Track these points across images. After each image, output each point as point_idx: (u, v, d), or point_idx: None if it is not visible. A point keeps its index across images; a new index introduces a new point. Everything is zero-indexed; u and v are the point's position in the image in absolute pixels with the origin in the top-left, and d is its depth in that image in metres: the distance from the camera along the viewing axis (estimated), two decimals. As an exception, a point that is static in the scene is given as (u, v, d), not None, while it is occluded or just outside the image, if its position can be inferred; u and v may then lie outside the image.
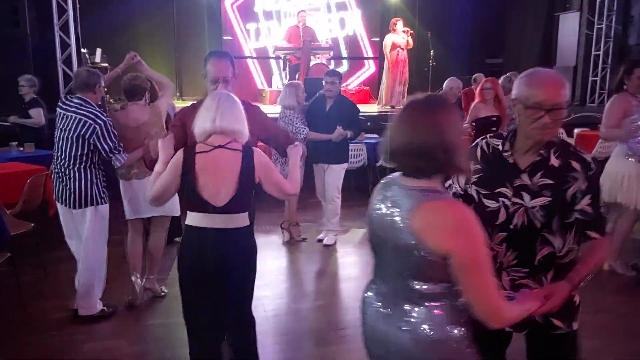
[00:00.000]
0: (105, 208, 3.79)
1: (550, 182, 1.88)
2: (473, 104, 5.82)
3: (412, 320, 1.62)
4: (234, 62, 3.04)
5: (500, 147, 2.00)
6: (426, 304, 1.61)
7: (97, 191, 3.71)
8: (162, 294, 4.24)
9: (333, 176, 5.35)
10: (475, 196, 2.02)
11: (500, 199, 1.94)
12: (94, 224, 3.73)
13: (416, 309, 1.62)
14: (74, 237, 3.88)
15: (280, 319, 3.90)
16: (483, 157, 2.04)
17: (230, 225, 2.52)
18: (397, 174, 1.70)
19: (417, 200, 1.57)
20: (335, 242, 5.47)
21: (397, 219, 1.59)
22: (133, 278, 4.09)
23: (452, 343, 1.61)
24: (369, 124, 7.72)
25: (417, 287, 1.61)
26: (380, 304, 1.72)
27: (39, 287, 4.35)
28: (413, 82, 10.19)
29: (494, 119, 5.59)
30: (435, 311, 1.61)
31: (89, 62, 8.81)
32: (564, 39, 10.91)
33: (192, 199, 2.51)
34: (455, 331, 1.61)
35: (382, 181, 1.76)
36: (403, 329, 1.63)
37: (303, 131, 5.17)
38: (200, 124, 2.54)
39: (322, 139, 5.16)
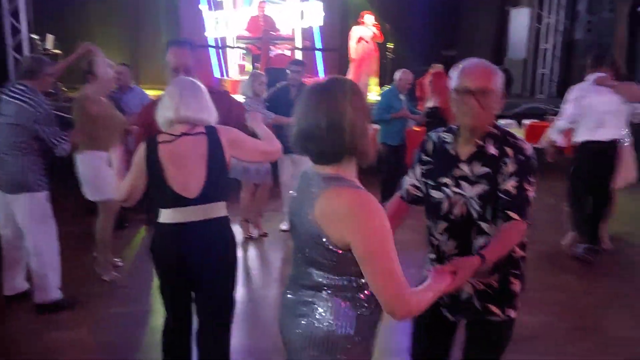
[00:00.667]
0: (42, 195, 3.70)
1: (488, 170, 1.93)
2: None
3: (310, 309, 1.59)
4: (194, 50, 3.08)
5: (447, 140, 2.06)
6: (327, 294, 1.57)
7: (33, 178, 3.62)
8: (116, 275, 4.29)
9: (306, 165, 5.37)
10: (424, 188, 2.10)
11: (444, 188, 2.00)
12: (30, 212, 3.66)
13: (315, 298, 1.58)
14: (7, 225, 3.80)
15: (246, 306, 3.95)
16: (434, 149, 2.10)
17: (207, 216, 2.39)
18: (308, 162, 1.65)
19: (319, 187, 1.52)
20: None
21: (304, 206, 1.56)
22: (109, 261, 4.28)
23: (344, 341, 1.55)
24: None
25: (317, 277, 1.58)
26: (288, 289, 1.71)
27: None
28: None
29: (434, 109, 5.92)
30: (336, 301, 1.56)
31: (40, 48, 8.55)
32: (515, 32, 11.29)
33: (162, 193, 2.38)
34: (350, 329, 1.55)
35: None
36: (299, 316, 1.61)
37: (270, 115, 5.12)
38: (164, 113, 2.42)
39: (288, 122, 5.13)
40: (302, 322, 1.60)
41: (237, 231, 5.01)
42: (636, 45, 11.78)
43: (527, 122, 9.11)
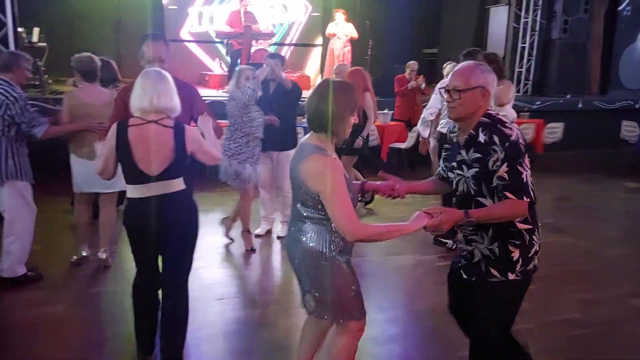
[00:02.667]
0: (23, 184, 3.95)
1: (479, 155, 2.28)
2: None
3: (302, 234, 2.36)
4: (168, 43, 3.31)
5: (455, 130, 2.46)
6: (310, 223, 2.34)
7: (13, 166, 3.87)
8: (109, 265, 4.47)
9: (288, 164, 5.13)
10: (443, 173, 2.57)
11: (453, 170, 2.42)
12: (9, 198, 3.93)
13: (304, 226, 2.36)
14: None
15: (215, 286, 4.19)
16: (449, 139, 2.51)
17: (166, 190, 2.77)
18: (307, 135, 2.37)
19: (307, 152, 2.27)
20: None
21: (298, 165, 2.28)
22: (80, 248, 4.45)
23: (320, 255, 2.32)
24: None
25: (304, 212, 2.34)
26: (291, 225, 2.47)
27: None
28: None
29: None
30: (316, 229, 2.32)
31: (26, 41, 8.68)
32: (494, 31, 11.52)
33: (129, 170, 2.76)
34: (325, 248, 2.31)
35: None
36: (297, 240, 2.38)
37: (258, 119, 4.74)
38: (138, 103, 2.75)
39: (274, 122, 4.89)
40: (299, 243, 2.37)
41: (238, 243, 5.10)
42: (611, 45, 12.12)
43: (502, 118, 9.38)
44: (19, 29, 8.17)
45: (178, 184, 2.82)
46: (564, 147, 9.52)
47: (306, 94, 8.95)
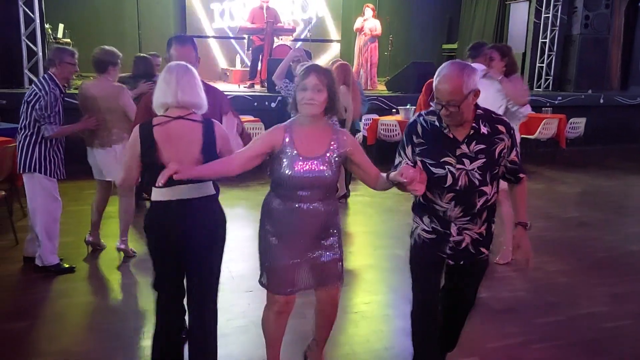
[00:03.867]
0: (43, 178, 4.04)
1: (483, 146, 2.37)
2: None
3: None
4: (197, 47, 3.13)
5: (437, 124, 2.42)
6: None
7: (37, 160, 4.00)
8: (134, 254, 4.56)
9: None
10: (421, 165, 2.44)
11: (446, 166, 2.38)
12: (30, 190, 4.08)
13: None
14: None
15: (244, 279, 4.25)
16: (424, 132, 2.45)
17: (194, 195, 2.53)
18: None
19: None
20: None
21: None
22: (87, 234, 4.60)
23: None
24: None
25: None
26: None
27: (10, 253, 4.58)
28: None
29: None
30: None
31: (51, 37, 8.84)
32: (514, 26, 11.48)
33: (156, 172, 2.35)
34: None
35: None
36: None
37: None
38: (161, 99, 2.53)
39: None
40: None
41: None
42: (632, 40, 11.99)
43: (523, 114, 9.34)
44: (46, 25, 8.32)
45: (208, 188, 2.62)
46: (586, 142, 9.46)
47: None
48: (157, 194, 2.55)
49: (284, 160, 2.43)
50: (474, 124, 2.37)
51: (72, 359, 3.09)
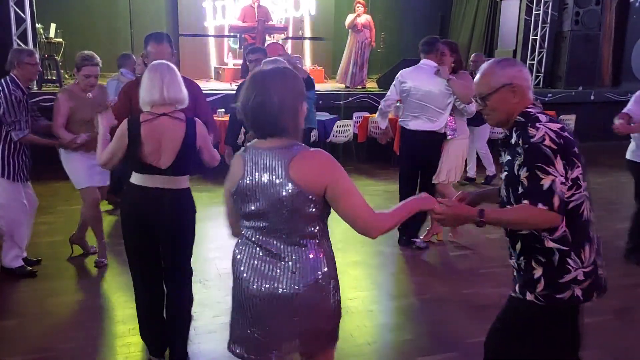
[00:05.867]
0: (7, 182, 4.02)
1: (509, 157, 2.07)
2: None
3: None
4: (172, 43, 3.32)
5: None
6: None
7: None
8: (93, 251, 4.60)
9: None
10: None
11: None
12: None
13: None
14: None
15: (230, 276, 4.27)
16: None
17: (168, 185, 2.77)
18: (250, 144, 1.95)
19: (287, 155, 1.83)
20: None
21: (274, 178, 1.83)
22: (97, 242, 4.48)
23: None
24: (320, 102, 8.12)
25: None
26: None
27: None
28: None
29: None
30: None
31: (43, 37, 8.84)
32: (505, 24, 11.50)
33: (137, 163, 2.74)
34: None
35: (239, 154, 1.97)
36: None
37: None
38: (148, 96, 2.71)
39: None
40: None
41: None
42: (623, 36, 12.04)
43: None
44: (37, 25, 8.32)
45: (183, 182, 2.85)
46: (577, 139, 9.49)
47: (319, 87, 8.99)
48: (137, 179, 2.78)
49: None
50: (507, 131, 2.09)
51: (59, 357, 3.13)
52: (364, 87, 9.98)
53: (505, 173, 2.08)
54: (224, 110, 7.31)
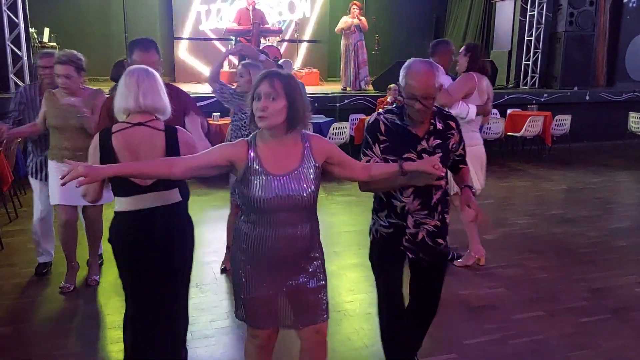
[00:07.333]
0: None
1: (439, 141, 2.53)
2: None
3: None
4: (159, 51, 3.03)
5: (398, 122, 2.51)
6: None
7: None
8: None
9: None
10: (384, 162, 2.49)
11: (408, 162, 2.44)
12: None
13: None
14: None
15: (227, 280, 4.28)
16: (387, 130, 2.52)
17: (159, 203, 2.47)
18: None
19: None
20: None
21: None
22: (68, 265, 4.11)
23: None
24: (316, 104, 8.11)
25: None
26: None
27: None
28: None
29: None
30: None
31: (37, 41, 8.82)
32: (500, 25, 11.55)
33: (117, 182, 2.39)
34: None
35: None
36: None
37: None
38: (122, 104, 2.43)
39: None
40: None
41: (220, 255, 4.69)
42: (618, 36, 12.09)
43: (509, 110, 9.42)
44: (30, 29, 8.30)
45: (174, 196, 2.54)
46: (572, 139, 9.53)
47: (314, 89, 9.12)
48: (121, 205, 2.48)
49: (253, 181, 2.09)
50: (432, 120, 2.51)
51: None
52: (367, 88, 9.90)
53: (439, 154, 2.44)
54: (219, 114, 7.30)
